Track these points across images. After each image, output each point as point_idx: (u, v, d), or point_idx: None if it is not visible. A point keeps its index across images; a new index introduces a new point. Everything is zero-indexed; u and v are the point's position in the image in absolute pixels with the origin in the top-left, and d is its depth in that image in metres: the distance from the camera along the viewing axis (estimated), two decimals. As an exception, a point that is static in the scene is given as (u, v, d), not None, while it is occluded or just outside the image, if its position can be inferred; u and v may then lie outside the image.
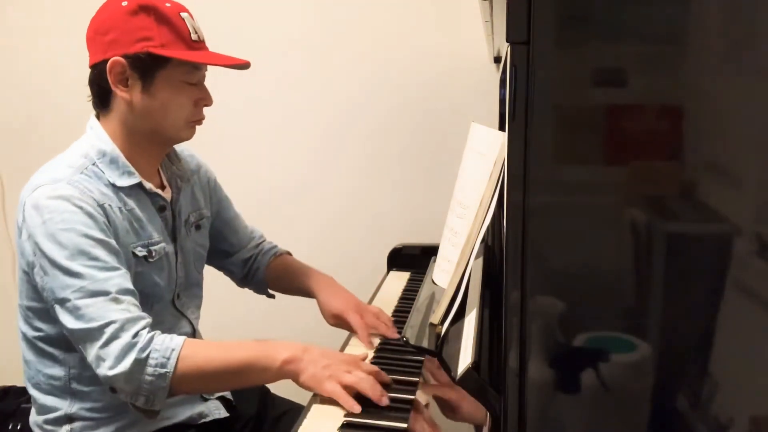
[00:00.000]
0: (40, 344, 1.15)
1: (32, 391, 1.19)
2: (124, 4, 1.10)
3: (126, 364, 1.00)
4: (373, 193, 2.03)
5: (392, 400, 1.05)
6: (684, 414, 0.65)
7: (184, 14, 1.13)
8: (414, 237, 1.80)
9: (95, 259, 1.04)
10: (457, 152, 1.21)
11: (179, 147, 1.30)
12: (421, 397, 1.05)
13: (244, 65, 1.18)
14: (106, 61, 1.10)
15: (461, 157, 1.18)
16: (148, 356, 1.00)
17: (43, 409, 1.18)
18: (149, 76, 1.11)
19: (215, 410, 1.26)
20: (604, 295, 0.65)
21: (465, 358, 0.78)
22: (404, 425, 0.98)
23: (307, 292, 1.40)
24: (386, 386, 1.05)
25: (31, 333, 1.16)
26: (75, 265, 1.03)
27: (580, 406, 0.66)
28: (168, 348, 1.01)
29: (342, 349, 1.26)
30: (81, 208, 1.06)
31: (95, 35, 1.12)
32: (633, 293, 0.64)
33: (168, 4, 1.12)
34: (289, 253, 1.51)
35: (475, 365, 0.75)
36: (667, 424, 0.66)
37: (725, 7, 0.60)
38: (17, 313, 1.18)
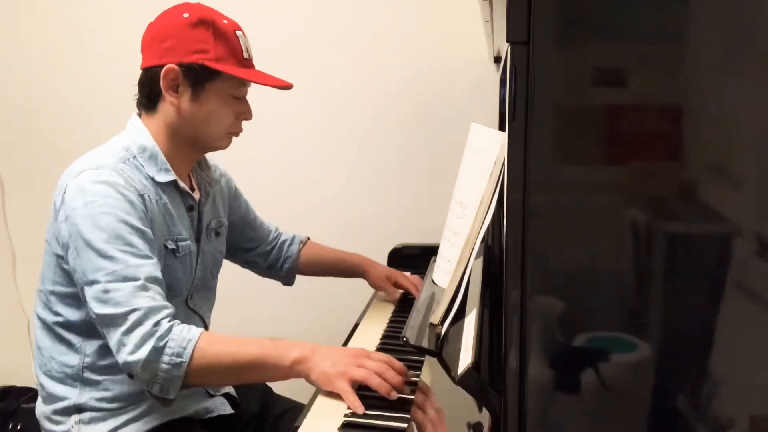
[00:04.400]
0: (59, 330, 1.17)
1: (42, 379, 1.20)
2: (186, 15, 1.15)
3: (144, 351, 1.02)
4: (373, 193, 2.02)
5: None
6: (684, 414, 0.65)
7: (239, 33, 1.19)
8: (414, 237, 1.80)
9: (130, 245, 1.07)
10: (457, 152, 1.21)
11: (208, 155, 1.35)
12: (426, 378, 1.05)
13: (286, 87, 1.23)
14: (160, 66, 1.15)
15: (461, 157, 1.18)
16: (165, 345, 1.02)
17: (52, 398, 1.19)
18: (199, 86, 1.16)
19: (221, 406, 1.28)
20: (604, 295, 0.65)
21: (465, 358, 0.78)
22: (404, 425, 0.98)
23: (348, 270, 1.61)
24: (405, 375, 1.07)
25: (50, 318, 1.17)
26: (110, 249, 1.06)
27: (580, 406, 0.66)
28: (185, 339, 1.04)
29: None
30: (123, 195, 1.09)
31: (153, 41, 1.17)
32: (633, 293, 0.64)
33: (225, 21, 1.18)
34: (308, 239, 1.63)
35: (475, 365, 0.75)
36: (667, 424, 0.66)
37: (725, 7, 0.60)
38: (35, 300, 1.20)
